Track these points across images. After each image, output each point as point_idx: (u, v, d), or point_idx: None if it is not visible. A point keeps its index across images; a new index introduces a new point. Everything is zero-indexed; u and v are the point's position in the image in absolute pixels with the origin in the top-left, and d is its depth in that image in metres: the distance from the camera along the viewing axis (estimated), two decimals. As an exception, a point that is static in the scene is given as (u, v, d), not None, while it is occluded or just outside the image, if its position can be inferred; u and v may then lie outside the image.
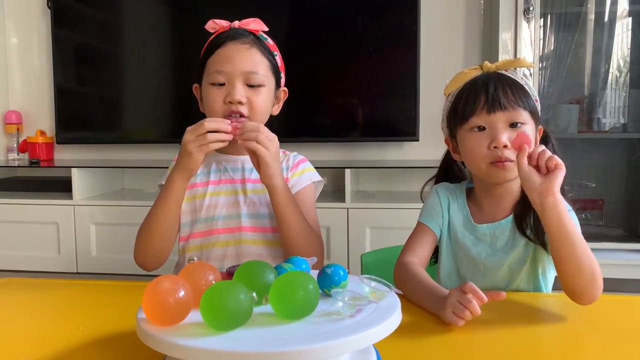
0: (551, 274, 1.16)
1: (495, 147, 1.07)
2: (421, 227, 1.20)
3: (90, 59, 2.96)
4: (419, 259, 1.14)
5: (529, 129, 1.09)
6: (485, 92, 1.09)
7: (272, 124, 1.32)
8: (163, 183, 1.31)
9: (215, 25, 1.29)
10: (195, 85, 1.33)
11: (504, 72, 1.13)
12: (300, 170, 1.34)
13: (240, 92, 1.21)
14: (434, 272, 1.22)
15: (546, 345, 0.81)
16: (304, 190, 1.32)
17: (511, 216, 1.12)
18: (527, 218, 1.09)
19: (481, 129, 1.09)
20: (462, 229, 1.16)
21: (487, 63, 1.14)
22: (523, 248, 1.10)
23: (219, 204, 1.28)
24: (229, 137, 1.13)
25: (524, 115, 1.08)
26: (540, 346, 0.81)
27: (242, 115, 1.22)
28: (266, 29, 1.30)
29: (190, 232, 1.29)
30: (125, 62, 2.91)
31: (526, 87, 1.11)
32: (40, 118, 3.02)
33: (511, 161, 1.06)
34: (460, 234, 1.16)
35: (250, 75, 1.22)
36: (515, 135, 1.04)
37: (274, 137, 1.15)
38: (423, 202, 1.25)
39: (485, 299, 0.86)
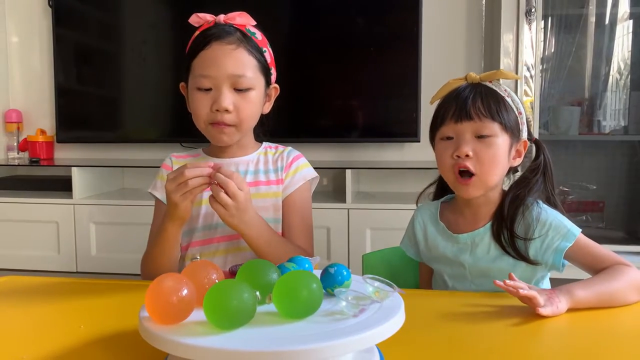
0: (546, 281, 1.16)
1: (457, 155, 1.08)
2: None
3: (91, 58, 2.95)
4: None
5: (499, 141, 1.08)
6: (456, 102, 1.10)
7: (263, 122, 1.31)
8: (153, 193, 1.30)
9: (199, 19, 1.24)
10: (182, 83, 1.30)
11: (487, 83, 1.13)
12: (293, 169, 1.31)
13: (228, 99, 1.17)
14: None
15: (549, 346, 0.80)
16: (298, 191, 1.29)
17: (489, 224, 1.13)
18: (503, 234, 1.11)
19: (450, 138, 1.11)
20: (443, 243, 1.18)
21: (470, 74, 1.15)
22: (509, 258, 1.11)
23: (209, 211, 1.24)
24: (210, 180, 1.07)
25: (493, 128, 1.08)
26: (543, 346, 0.80)
27: (227, 125, 1.20)
28: (254, 22, 1.25)
29: (189, 241, 1.27)
30: (125, 61, 2.91)
31: (508, 99, 1.11)
32: (41, 117, 3.01)
33: (473, 174, 1.08)
34: (441, 248, 1.18)
35: (237, 79, 1.18)
36: (481, 147, 1.06)
37: (240, 194, 1.07)
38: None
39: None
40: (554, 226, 1.08)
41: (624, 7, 2.55)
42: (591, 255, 1.06)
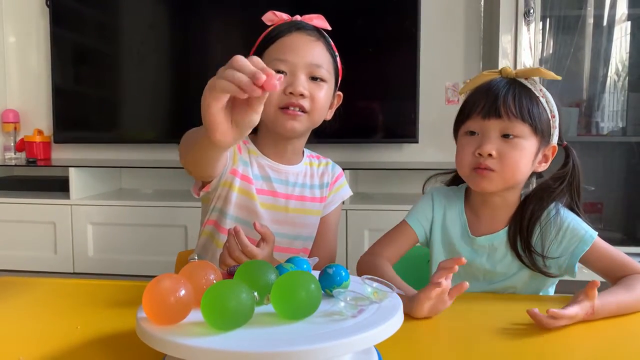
0: (553, 287, 1.15)
1: (479, 153, 1.03)
2: (404, 226, 1.17)
3: (89, 58, 2.95)
4: (388, 255, 1.12)
5: (526, 144, 1.03)
6: (486, 97, 1.05)
7: (325, 129, 1.27)
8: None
9: (275, 17, 1.21)
10: None
11: (523, 80, 1.07)
12: (336, 188, 1.28)
13: (304, 83, 1.13)
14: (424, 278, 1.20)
15: (548, 348, 0.80)
16: (336, 210, 1.27)
17: (505, 230, 1.09)
18: (519, 246, 1.07)
19: (474, 133, 1.06)
20: (459, 241, 1.13)
21: (506, 68, 1.09)
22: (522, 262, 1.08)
23: (267, 218, 1.19)
24: (258, 91, 0.70)
25: (522, 129, 1.02)
26: (543, 348, 0.80)
27: (302, 110, 1.14)
28: (329, 28, 1.23)
29: (217, 221, 1.19)
30: (123, 61, 2.90)
31: (543, 99, 1.05)
32: (38, 117, 3.01)
33: (492, 170, 1.03)
34: (457, 245, 1.13)
35: (314, 68, 1.15)
36: (506, 147, 1.02)
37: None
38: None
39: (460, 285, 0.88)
40: (570, 229, 1.05)
41: (622, 9, 2.55)
42: (608, 260, 1.03)
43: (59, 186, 2.62)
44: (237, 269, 0.70)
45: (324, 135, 2.67)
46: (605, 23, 2.61)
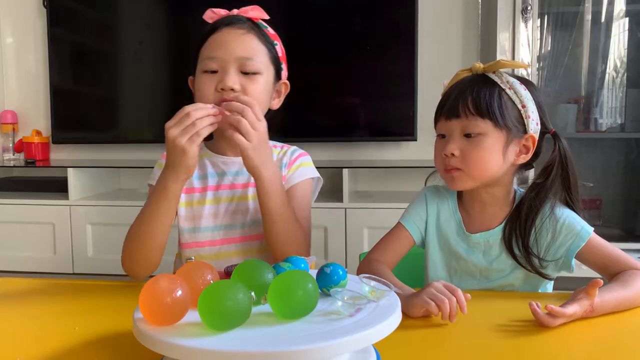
0: (550, 284, 1.14)
1: (445, 155, 1.05)
2: (400, 229, 1.17)
3: (87, 58, 2.95)
4: (386, 260, 1.12)
5: (489, 140, 1.03)
6: (447, 99, 1.07)
7: (272, 120, 1.23)
8: (152, 183, 1.21)
9: (214, 14, 1.21)
10: (190, 77, 1.24)
11: (491, 74, 1.07)
12: (296, 165, 1.25)
13: (233, 78, 1.12)
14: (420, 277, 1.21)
15: (547, 346, 0.80)
16: (298, 185, 1.24)
17: (502, 224, 1.09)
18: (516, 247, 1.06)
19: (444, 136, 1.08)
20: (455, 238, 1.13)
21: (476, 64, 1.09)
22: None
23: (219, 212, 1.20)
24: (219, 118, 1.02)
25: (482, 126, 1.02)
26: (542, 346, 0.80)
27: None
28: (266, 17, 1.22)
29: (191, 239, 1.22)
30: (121, 61, 2.90)
31: (510, 91, 1.04)
32: (36, 118, 3.01)
33: (458, 170, 1.04)
34: (453, 243, 1.13)
35: (244, 61, 1.13)
36: (468, 146, 1.03)
37: (260, 125, 1.03)
38: None
39: (465, 311, 0.86)
40: (566, 225, 1.04)
41: (620, 5, 2.55)
42: (604, 256, 1.02)
43: (57, 187, 2.62)
44: (234, 269, 0.70)
45: (321, 134, 2.69)
46: (603, 19, 2.61)
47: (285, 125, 2.60)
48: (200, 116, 0.99)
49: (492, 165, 1.05)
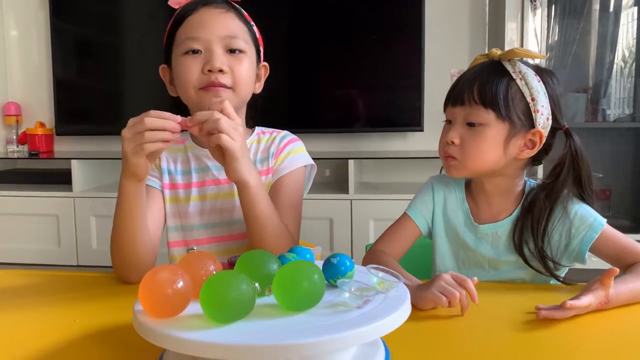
0: (563, 275, 1.12)
1: (446, 141, 1.04)
2: (406, 219, 1.14)
3: (90, 50, 2.94)
4: (392, 252, 1.10)
5: (491, 131, 0.99)
6: (456, 85, 1.05)
7: (256, 102, 1.19)
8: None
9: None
10: (162, 66, 1.18)
11: (505, 62, 1.03)
12: (285, 154, 1.18)
13: (221, 59, 1.06)
14: (428, 269, 1.19)
15: (561, 338, 0.78)
16: (288, 175, 1.17)
17: (511, 217, 1.07)
18: (525, 245, 1.04)
19: (450, 122, 1.06)
20: (463, 228, 1.11)
21: (493, 50, 1.06)
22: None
23: (205, 210, 1.16)
24: (175, 136, 0.91)
25: (485, 116, 0.99)
26: (555, 338, 0.78)
27: (223, 87, 1.06)
28: None
29: (179, 238, 1.18)
30: (124, 53, 2.89)
31: (521, 82, 1.00)
32: (40, 110, 3.00)
33: (454, 158, 1.03)
34: (461, 233, 1.11)
35: (230, 39, 1.07)
36: (468, 135, 1.01)
37: (237, 125, 0.94)
38: None
39: (477, 300, 0.85)
40: (579, 216, 1.02)
41: (629, -6, 2.52)
42: (617, 247, 1.00)
43: (61, 179, 2.61)
44: (238, 259, 0.68)
45: (327, 125, 2.67)
46: (611, 9, 2.58)
47: (292, 116, 2.58)
48: (154, 127, 0.90)
49: (490, 157, 1.02)
